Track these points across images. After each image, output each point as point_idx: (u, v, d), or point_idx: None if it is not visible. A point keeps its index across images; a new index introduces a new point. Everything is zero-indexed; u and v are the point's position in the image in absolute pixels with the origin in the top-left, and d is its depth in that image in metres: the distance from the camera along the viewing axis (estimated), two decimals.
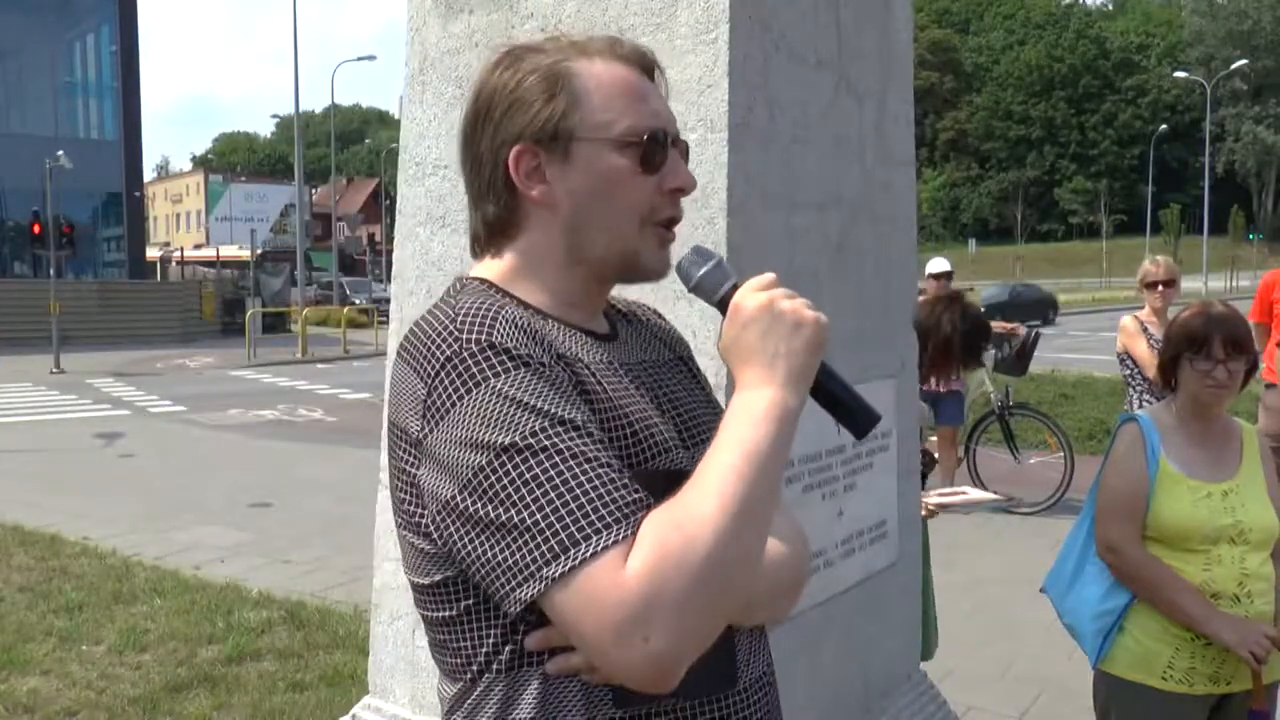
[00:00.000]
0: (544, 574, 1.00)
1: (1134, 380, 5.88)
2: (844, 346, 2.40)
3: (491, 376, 1.07)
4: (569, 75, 1.21)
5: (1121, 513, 2.65)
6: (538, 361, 1.10)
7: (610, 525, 1.00)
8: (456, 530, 1.07)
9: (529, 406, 1.05)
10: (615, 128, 1.21)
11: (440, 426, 1.07)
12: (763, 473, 1.05)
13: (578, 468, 1.03)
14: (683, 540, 0.99)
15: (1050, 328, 25.93)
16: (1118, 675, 2.67)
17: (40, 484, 9.62)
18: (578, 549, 0.99)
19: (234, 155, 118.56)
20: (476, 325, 1.10)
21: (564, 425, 1.05)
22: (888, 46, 2.61)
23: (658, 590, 0.97)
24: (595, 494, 1.02)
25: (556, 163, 1.21)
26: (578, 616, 0.99)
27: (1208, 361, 2.62)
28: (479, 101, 1.25)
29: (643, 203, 1.23)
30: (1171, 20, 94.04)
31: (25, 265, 33.21)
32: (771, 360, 1.13)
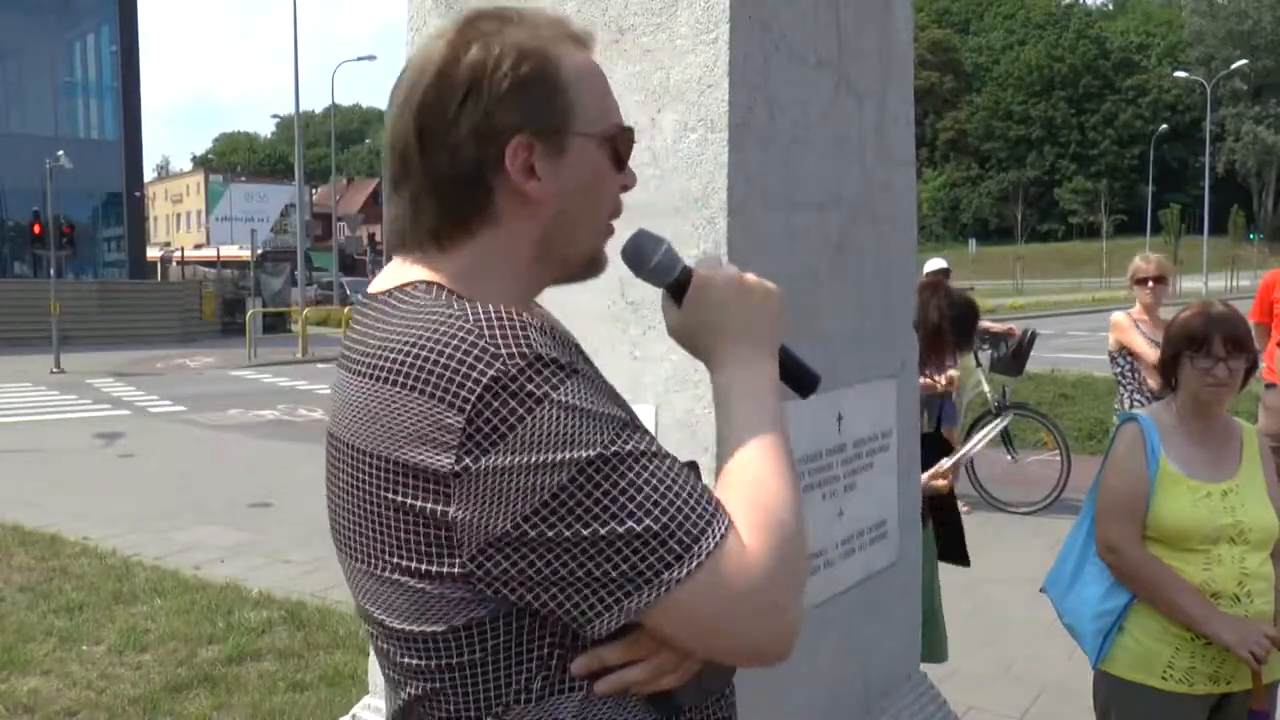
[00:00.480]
0: (665, 578, 0.98)
1: (1125, 379, 5.87)
2: (844, 346, 2.40)
3: (550, 390, 0.99)
4: (562, 64, 1.13)
5: (1121, 512, 2.65)
6: (579, 367, 1.05)
7: (716, 514, 1.01)
8: (519, 561, 0.98)
9: (595, 414, 1.00)
10: (600, 123, 1.16)
11: (494, 454, 0.97)
12: (782, 439, 1.10)
13: (659, 468, 1.01)
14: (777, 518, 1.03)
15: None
16: (1118, 675, 2.68)
17: (40, 484, 9.62)
18: (698, 545, 0.99)
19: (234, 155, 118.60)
20: (511, 336, 1.01)
21: (628, 427, 1.03)
22: (888, 46, 2.61)
23: (778, 558, 1.01)
24: (688, 489, 1.01)
25: (550, 157, 1.12)
26: (710, 609, 0.99)
27: (1208, 360, 2.62)
28: (451, 79, 1.10)
29: (614, 200, 1.21)
30: (1171, 20, 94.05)
31: (25, 265, 33.21)
32: (755, 334, 1.17)
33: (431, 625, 1.04)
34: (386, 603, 1.07)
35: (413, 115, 1.12)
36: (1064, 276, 68.95)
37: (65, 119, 34.30)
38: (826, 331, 2.33)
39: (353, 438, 1.05)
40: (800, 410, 2.22)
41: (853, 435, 2.44)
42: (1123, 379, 5.89)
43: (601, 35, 2.15)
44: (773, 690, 2.17)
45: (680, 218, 2.06)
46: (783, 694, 2.20)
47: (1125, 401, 5.86)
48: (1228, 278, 52.47)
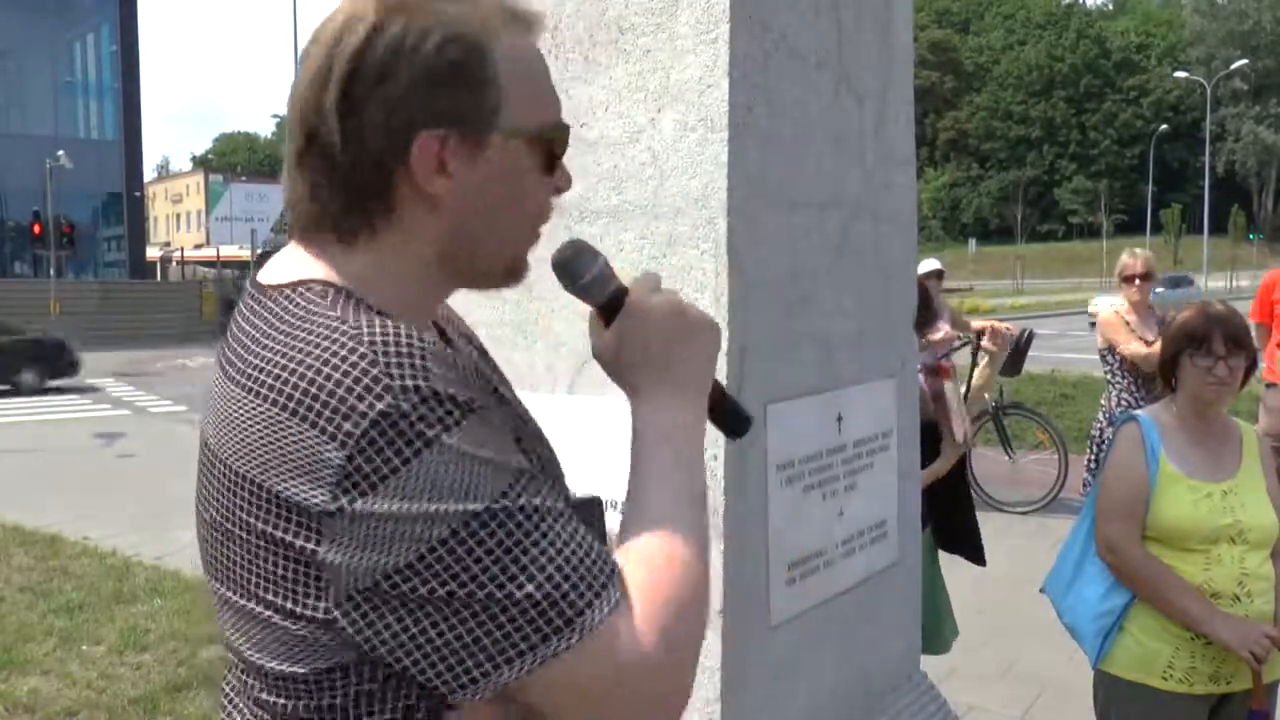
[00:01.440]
0: (541, 651, 0.89)
1: (1114, 377, 5.86)
2: (844, 346, 2.40)
3: (443, 432, 0.88)
4: (491, 49, 0.99)
5: (1121, 512, 2.66)
6: (479, 405, 0.92)
7: (608, 584, 0.92)
8: (387, 614, 0.88)
9: (487, 462, 0.89)
10: (530, 121, 1.02)
11: (371, 498, 0.86)
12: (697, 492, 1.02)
13: (553, 527, 0.91)
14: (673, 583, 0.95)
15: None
16: (1118, 675, 2.68)
17: (40, 484, 9.62)
18: (583, 618, 0.90)
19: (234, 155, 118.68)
20: (403, 363, 0.89)
21: (522, 477, 0.91)
22: (888, 46, 2.61)
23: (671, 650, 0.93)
24: (582, 552, 0.91)
25: (464, 156, 0.99)
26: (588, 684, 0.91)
27: (1208, 358, 2.62)
28: (374, 54, 0.96)
29: (542, 204, 1.06)
30: (1171, 20, 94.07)
31: (25, 265, 33.24)
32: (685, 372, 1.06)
33: (295, 666, 0.95)
34: (250, 636, 0.97)
35: (322, 88, 0.98)
36: (1064, 276, 68.97)
37: (65, 119, 34.33)
38: (826, 331, 2.33)
39: (227, 454, 0.93)
40: (800, 410, 2.22)
41: (853, 435, 2.44)
42: (1112, 377, 5.88)
43: (601, 35, 2.15)
44: (773, 690, 2.17)
45: (680, 218, 2.06)
46: (783, 694, 2.20)
47: (1114, 399, 5.85)
48: (1227, 278, 52.48)
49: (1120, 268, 5.95)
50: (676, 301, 1.07)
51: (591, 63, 2.17)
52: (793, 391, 2.17)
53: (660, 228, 2.09)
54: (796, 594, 2.23)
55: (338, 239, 1.01)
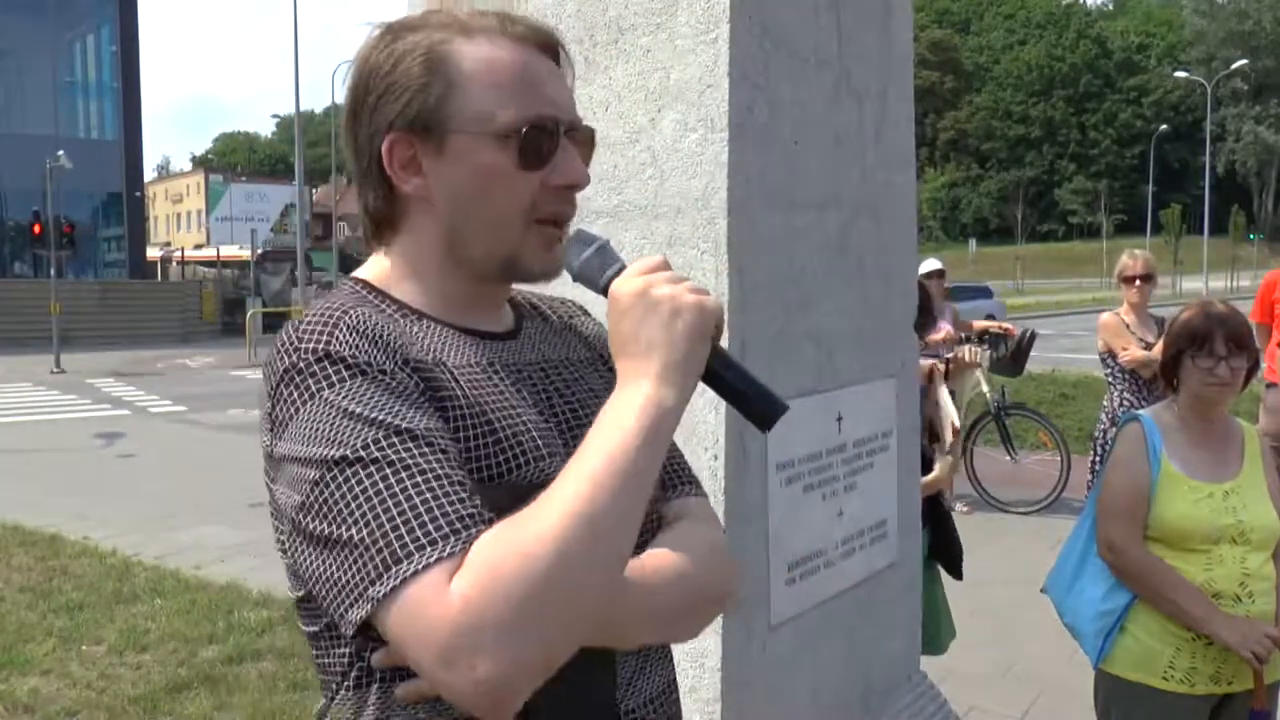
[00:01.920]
0: (370, 593, 0.92)
1: (1114, 379, 5.86)
2: (844, 346, 2.40)
3: (326, 388, 1.00)
4: (447, 58, 1.11)
5: (1123, 513, 2.65)
6: (377, 369, 1.02)
7: (436, 541, 0.92)
8: (301, 547, 1.00)
9: (362, 418, 0.98)
10: (495, 119, 1.11)
11: (281, 442, 1.01)
12: (624, 478, 0.95)
13: (408, 479, 0.95)
14: (515, 559, 0.90)
15: None
16: (1118, 675, 2.67)
17: (40, 484, 9.62)
18: (399, 567, 0.91)
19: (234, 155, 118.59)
20: (315, 333, 1.04)
21: (399, 435, 0.98)
22: (888, 46, 2.61)
23: (480, 614, 0.88)
24: (424, 507, 0.94)
25: (431, 155, 1.12)
26: (403, 638, 0.92)
27: (1210, 359, 2.62)
28: (356, 84, 1.15)
29: (524, 200, 1.13)
30: (1171, 20, 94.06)
31: (25, 265, 33.22)
32: (646, 352, 1.03)
33: (295, 592, 1.11)
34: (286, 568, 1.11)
35: (343, 120, 1.18)
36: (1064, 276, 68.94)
37: (65, 119, 34.29)
38: (826, 331, 2.33)
39: None
40: (800, 410, 2.22)
41: (853, 435, 2.44)
42: (1113, 380, 5.89)
43: (601, 35, 2.15)
44: (773, 690, 2.17)
45: (680, 218, 2.06)
46: (783, 694, 2.20)
47: (1115, 400, 5.85)
48: (1228, 278, 52.46)
49: (1120, 269, 5.95)
50: (647, 284, 1.05)
51: (591, 63, 2.17)
52: (792, 391, 2.17)
53: (660, 228, 2.09)
54: (796, 594, 2.23)
55: (381, 244, 1.20)
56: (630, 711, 1.15)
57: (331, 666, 1.10)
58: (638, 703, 1.16)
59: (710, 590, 1.15)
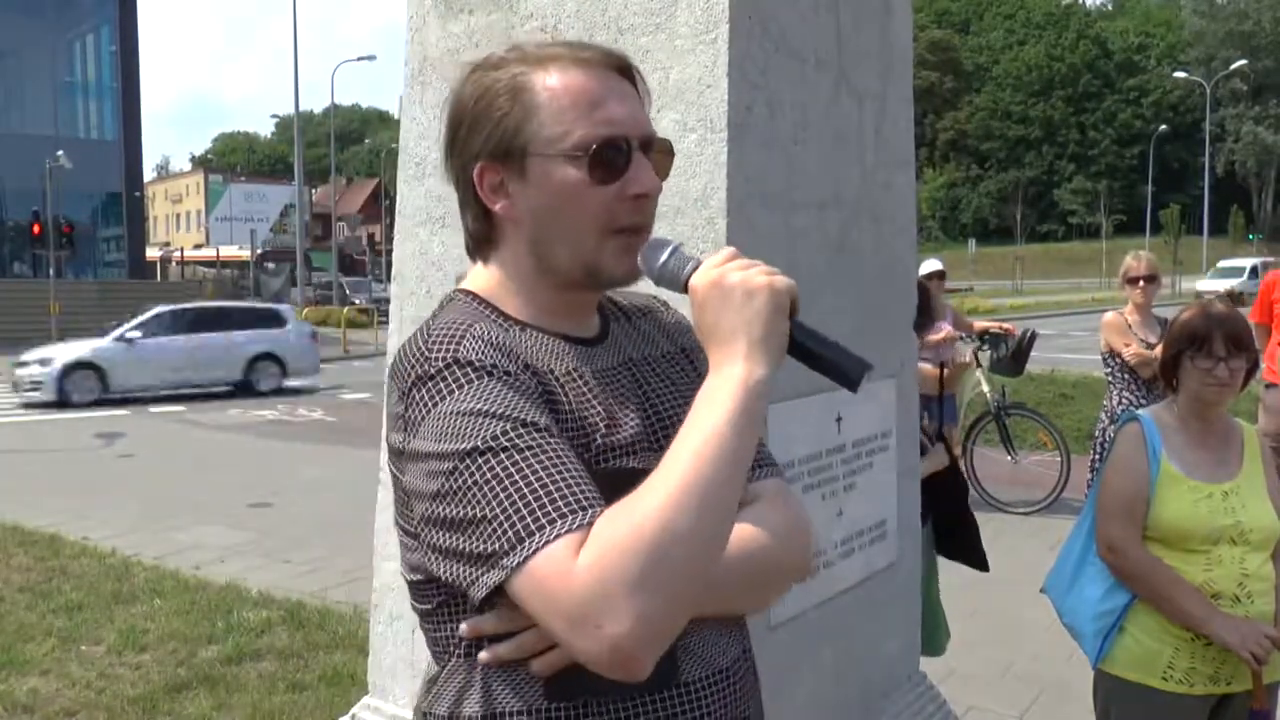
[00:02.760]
0: (504, 562, 1.04)
1: (1115, 379, 5.87)
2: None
3: (456, 390, 1.12)
4: (524, 90, 1.23)
5: (1122, 513, 2.65)
6: (503, 370, 1.14)
7: (566, 515, 1.03)
8: (433, 534, 1.12)
9: (490, 413, 1.10)
10: (566, 141, 1.21)
11: (415, 439, 1.13)
12: (723, 451, 1.06)
13: (536, 463, 1.07)
14: (631, 529, 1.01)
15: None
16: (1117, 675, 2.67)
17: (40, 484, 9.62)
18: (532, 538, 1.03)
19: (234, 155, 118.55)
20: (444, 343, 1.16)
21: (525, 426, 1.09)
22: (888, 46, 2.61)
23: (603, 580, 0.99)
24: (553, 485, 1.05)
25: (515, 179, 1.24)
26: (535, 604, 1.03)
27: (1209, 359, 2.62)
28: (451, 119, 1.29)
29: (599, 214, 1.23)
30: (1171, 20, 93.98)
31: (25, 265, 33.21)
32: (731, 336, 1.13)
33: (411, 575, 1.24)
34: (401, 554, 1.25)
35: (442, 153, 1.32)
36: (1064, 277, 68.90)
37: (65, 119, 34.29)
38: (826, 331, 2.33)
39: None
40: (800, 410, 2.22)
41: (852, 435, 2.44)
42: (1113, 379, 5.89)
43: (601, 36, 2.15)
44: (773, 690, 2.17)
45: (680, 218, 2.06)
46: (783, 694, 2.20)
47: (1115, 400, 5.86)
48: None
49: (1124, 270, 5.95)
50: (721, 274, 1.15)
51: None
52: (792, 391, 2.17)
53: (660, 228, 2.07)
54: (796, 594, 2.23)
55: (482, 259, 1.33)
56: (691, 682, 1.21)
57: (445, 640, 1.22)
58: (703, 674, 1.22)
59: (782, 564, 1.26)
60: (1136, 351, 5.65)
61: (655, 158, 1.27)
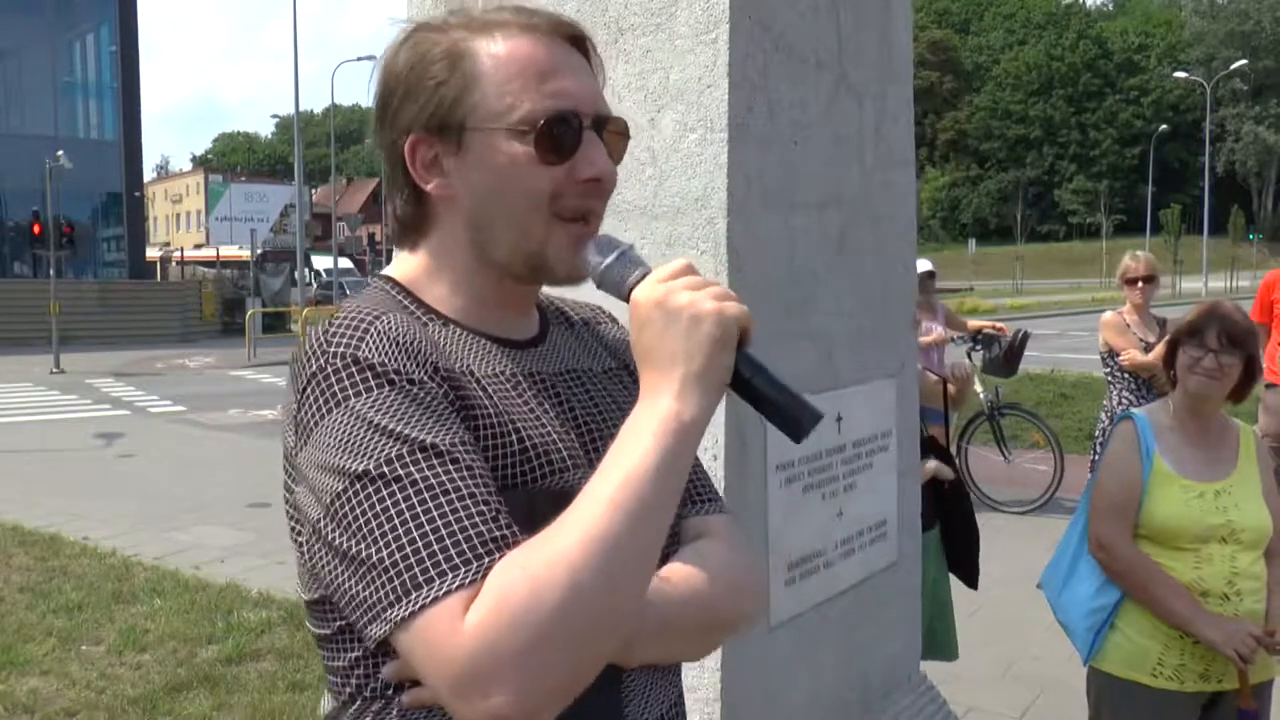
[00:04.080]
0: (389, 615, 0.92)
1: (1115, 378, 5.88)
2: (844, 346, 2.40)
3: (353, 395, 0.98)
4: (465, 56, 1.10)
5: (1113, 510, 2.67)
6: (405, 379, 1.00)
7: (458, 566, 0.91)
8: (322, 555, 1.00)
9: (387, 431, 0.96)
10: (512, 114, 1.08)
11: (307, 447, 1.00)
12: (644, 499, 0.93)
13: (430, 501, 0.93)
14: (529, 586, 0.88)
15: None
16: (1109, 672, 2.69)
17: (40, 484, 9.62)
18: (419, 592, 0.90)
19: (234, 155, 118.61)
20: (345, 337, 1.02)
21: (424, 452, 0.96)
22: (888, 46, 2.61)
23: (492, 646, 0.87)
24: (445, 530, 0.92)
25: (452, 154, 1.11)
26: (420, 663, 0.92)
27: (1199, 350, 2.64)
28: (381, 86, 1.15)
29: (545, 195, 1.09)
30: (1171, 20, 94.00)
31: (25, 265, 33.19)
32: (669, 364, 1.00)
33: (305, 593, 1.11)
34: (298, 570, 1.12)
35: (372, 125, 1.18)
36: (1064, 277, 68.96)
37: (65, 119, 34.28)
38: (826, 332, 2.33)
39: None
40: None
41: (852, 435, 2.44)
42: (1113, 379, 5.90)
43: (601, 35, 2.15)
44: (773, 690, 2.17)
45: (680, 218, 2.06)
46: (783, 694, 2.20)
47: (1114, 399, 5.87)
48: (1227, 278, 52.46)
49: (1122, 270, 5.96)
50: (666, 293, 1.02)
51: None
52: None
53: (660, 228, 2.09)
54: (796, 594, 2.24)
55: (410, 246, 1.19)
56: None
57: (346, 671, 1.08)
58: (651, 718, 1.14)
59: (724, 613, 1.12)
60: (1133, 360, 5.66)
61: (610, 139, 1.13)
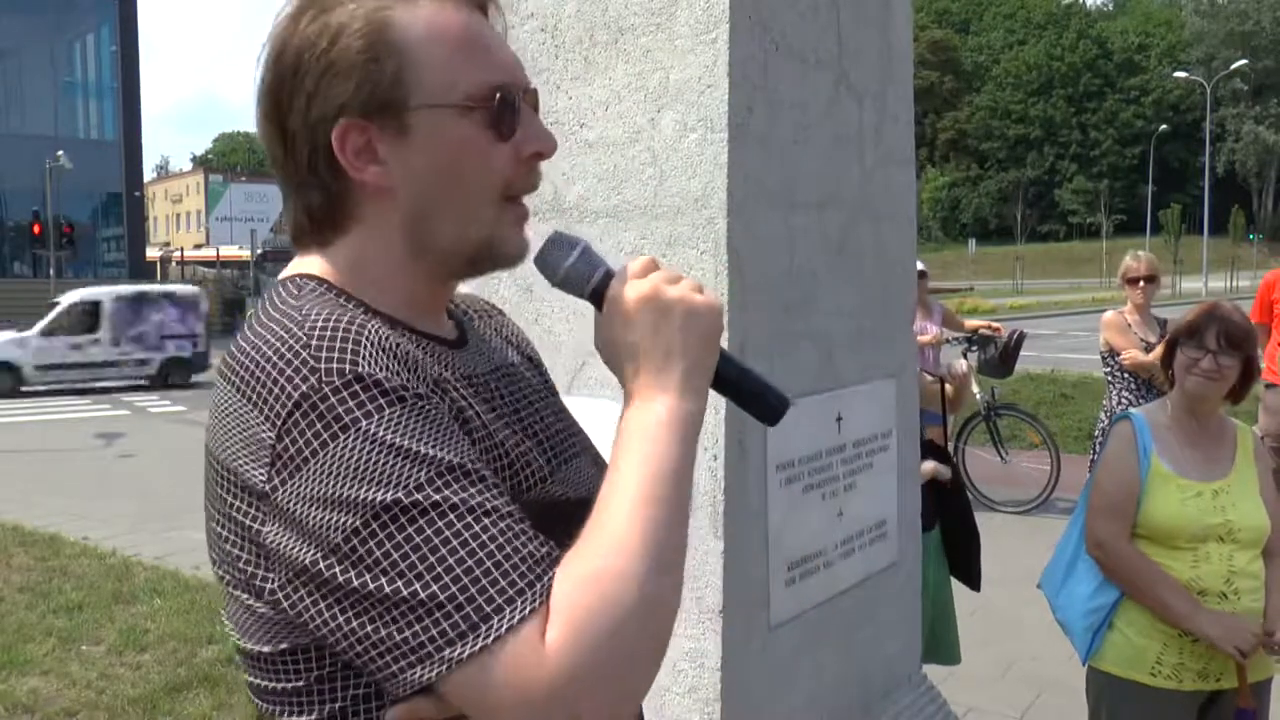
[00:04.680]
0: (446, 655, 0.84)
1: (1115, 378, 5.88)
2: (844, 346, 2.40)
3: (362, 418, 0.87)
4: (393, 27, 0.99)
5: (1111, 510, 2.67)
6: (413, 394, 0.91)
7: (524, 590, 0.85)
8: (320, 602, 0.88)
9: (408, 453, 0.87)
10: (457, 89, 0.99)
11: (296, 480, 0.87)
12: (671, 498, 0.91)
13: (476, 524, 0.86)
14: (599, 601, 0.85)
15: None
16: (1108, 671, 2.69)
17: (40, 484, 9.62)
18: (488, 625, 0.84)
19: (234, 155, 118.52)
20: (335, 349, 0.90)
21: (452, 472, 0.88)
22: (888, 46, 2.61)
23: (583, 661, 0.83)
24: (501, 554, 0.86)
25: (390, 138, 1.00)
26: (493, 699, 0.84)
27: (1198, 350, 2.64)
28: (282, 64, 1.00)
29: (499, 176, 1.02)
30: (1171, 20, 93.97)
31: (25, 265, 33.23)
32: (664, 360, 0.97)
33: (262, 645, 0.96)
34: (233, 617, 0.99)
35: (258, 105, 1.03)
36: (1064, 277, 68.95)
37: (65, 119, 34.31)
38: (826, 331, 2.33)
39: (208, 440, 0.97)
40: (800, 410, 2.22)
41: (853, 435, 2.44)
42: (1113, 379, 5.90)
43: (601, 35, 2.15)
44: (773, 690, 2.17)
45: (680, 218, 2.06)
46: (783, 694, 2.20)
47: (1114, 399, 5.87)
48: (1227, 278, 52.47)
49: (1123, 270, 5.96)
50: (655, 289, 0.98)
51: (591, 63, 2.17)
52: (792, 391, 2.16)
53: (660, 228, 2.09)
54: (796, 594, 2.24)
55: (315, 242, 1.05)
56: None
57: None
58: None
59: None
60: (1133, 359, 5.66)
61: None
